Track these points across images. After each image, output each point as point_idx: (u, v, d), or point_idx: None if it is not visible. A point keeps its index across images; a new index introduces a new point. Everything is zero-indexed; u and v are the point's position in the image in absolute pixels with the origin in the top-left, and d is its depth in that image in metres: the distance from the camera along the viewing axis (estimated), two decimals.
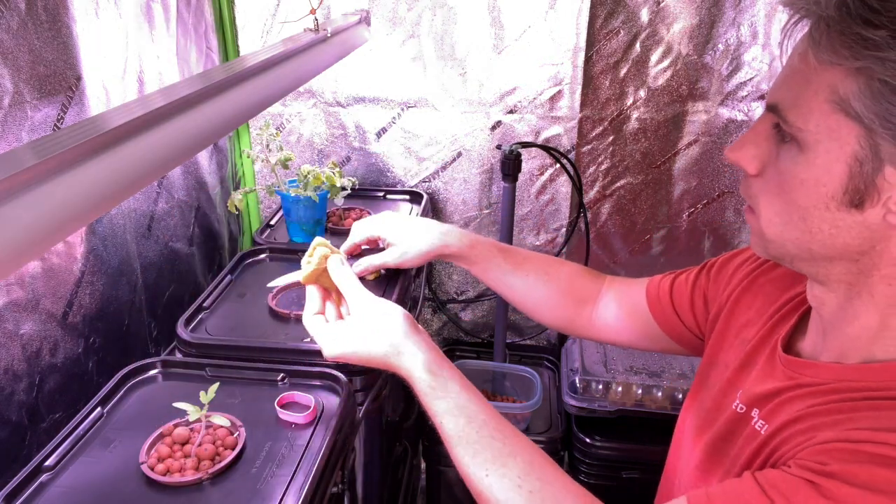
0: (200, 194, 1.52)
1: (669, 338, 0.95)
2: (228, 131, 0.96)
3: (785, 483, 0.56)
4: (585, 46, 1.61)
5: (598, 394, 1.60)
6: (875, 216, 0.57)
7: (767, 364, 0.73)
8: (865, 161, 0.55)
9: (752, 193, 0.66)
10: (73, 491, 0.84)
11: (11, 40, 0.91)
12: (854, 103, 0.54)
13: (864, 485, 0.53)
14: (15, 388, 0.95)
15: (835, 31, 0.55)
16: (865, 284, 0.62)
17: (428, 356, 0.77)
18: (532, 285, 1.04)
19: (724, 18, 1.57)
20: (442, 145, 1.75)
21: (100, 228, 1.14)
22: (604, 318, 1.03)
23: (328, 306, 0.87)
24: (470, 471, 0.71)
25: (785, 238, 0.63)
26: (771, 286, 0.80)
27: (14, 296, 0.95)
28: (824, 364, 0.66)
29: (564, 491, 0.69)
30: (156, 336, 1.34)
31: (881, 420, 0.57)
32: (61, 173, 0.59)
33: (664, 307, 0.94)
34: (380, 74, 1.69)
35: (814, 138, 0.58)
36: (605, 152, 1.72)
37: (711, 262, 0.93)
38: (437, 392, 0.75)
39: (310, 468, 0.86)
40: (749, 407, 0.71)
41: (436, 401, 0.75)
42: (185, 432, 0.91)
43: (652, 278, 0.99)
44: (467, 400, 0.74)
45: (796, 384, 0.67)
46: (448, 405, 0.74)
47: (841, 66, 0.55)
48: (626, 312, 1.00)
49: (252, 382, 1.04)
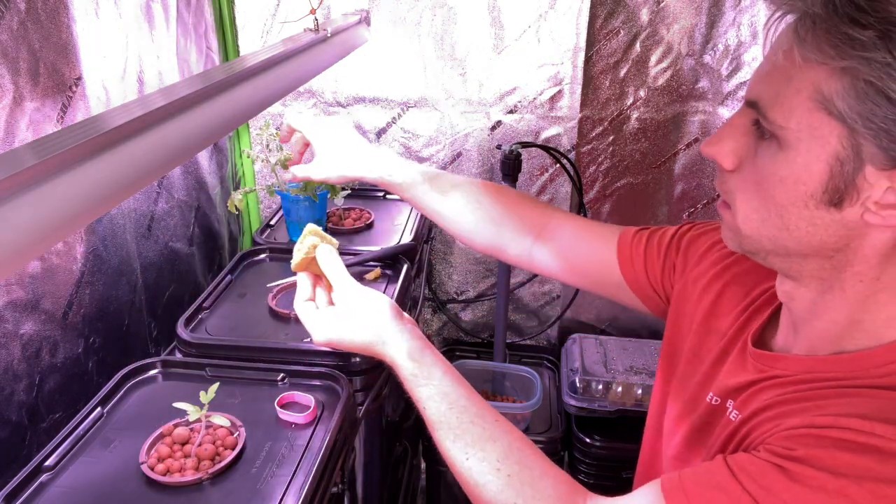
0: (200, 194, 1.52)
1: (634, 293, 0.93)
2: (228, 131, 0.96)
3: (754, 466, 0.58)
4: (585, 46, 1.61)
5: (598, 394, 1.60)
6: (853, 215, 0.58)
7: (738, 358, 0.74)
8: (846, 161, 0.55)
9: (727, 189, 0.65)
10: (73, 491, 0.84)
11: (11, 40, 0.91)
12: (838, 103, 0.54)
13: (827, 468, 0.54)
14: (15, 388, 0.95)
15: (821, 29, 0.54)
16: (837, 280, 0.62)
17: (411, 344, 0.78)
18: (460, 213, 1.00)
19: (724, 18, 1.57)
20: (442, 145, 1.75)
21: (100, 228, 1.14)
22: (552, 252, 0.98)
23: (319, 293, 0.87)
24: (451, 454, 0.72)
25: (761, 234, 0.63)
26: (745, 276, 0.80)
27: (14, 296, 0.95)
28: (794, 357, 0.67)
29: (543, 474, 0.69)
30: (156, 336, 1.34)
31: (845, 406, 0.58)
32: (61, 173, 0.59)
33: (636, 267, 0.91)
34: (380, 74, 1.69)
35: (795, 136, 0.57)
36: (605, 152, 1.72)
37: (683, 232, 0.90)
38: (420, 379, 0.76)
39: (310, 468, 0.86)
40: (723, 399, 0.72)
41: (419, 387, 0.76)
42: (185, 432, 0.91)
43: (623, 231, 0.95)
44: (450, 386, 0.76)
45: (767, 377, 0.68)
46: (430, 391, 0.75)
47: (826, 64, 0.54)
48: (587, 255, 0.96)
49: (252, 382, 1.04)
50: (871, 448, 0.54)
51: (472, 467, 0.70)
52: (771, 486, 0.56)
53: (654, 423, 0.88)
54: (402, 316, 0.82)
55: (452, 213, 1.01)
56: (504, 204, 1.00)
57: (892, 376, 0.59)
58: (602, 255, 0.94)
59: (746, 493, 0.57)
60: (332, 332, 0.82)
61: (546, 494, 0.68)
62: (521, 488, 0.68)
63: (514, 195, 1.04)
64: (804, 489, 0.55)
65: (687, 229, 0.90)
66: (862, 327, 0.63)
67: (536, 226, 0.99)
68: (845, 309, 0.63)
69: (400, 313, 0.82)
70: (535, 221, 0.99)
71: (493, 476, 0.69)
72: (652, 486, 0.64)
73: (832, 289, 0.63)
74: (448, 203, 1.00)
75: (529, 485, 0.69)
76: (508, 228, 0.99)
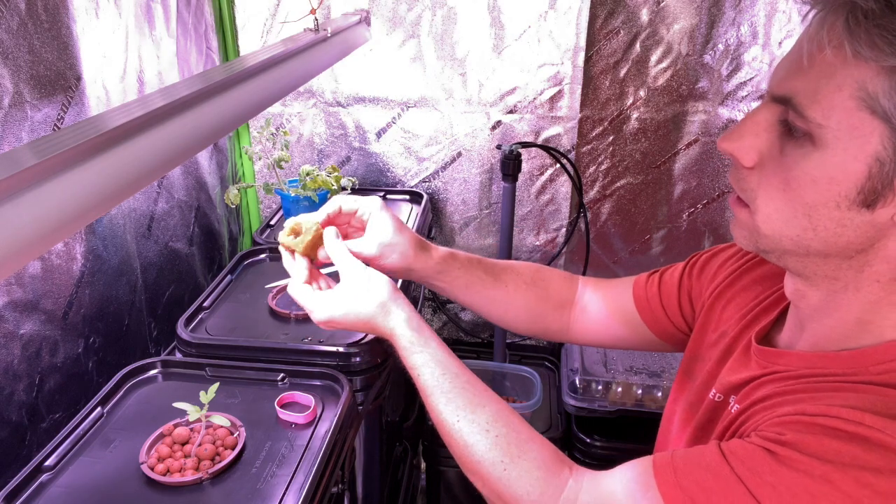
0: (200, 194, 1.52)
1: (657, 337, 0.95)
2: (228, 131, 0.96)
3: (744, 450, 0.59)
4: (585, 46, 1.61)
5: (598, 394, 1.60)
6: (884, 216, 0.57)
7: (742, 355, 0.74)
8: (886, 162, 0.54)
9: (746, 187, 0.64)
10: (73, 491, 0.84)
11: (11, 40, 0.91)
12: (883, 101, 0.53)
13: (814, 454, 0.55)
14: (15, 388, 0.95)
15: (873, 25, 0.53)
16: (854, 280, 0.62)
17: (411, 314, 0.83)
18: (512, 296, 0.99)
19: (724, 18, 1.57)
20: (442, 145, 1.75)
21: (100, 228, 1.14)
22: (583, 321, 1.00)
23: (315, 275, 0.90)
24: (443, 417, 0.77)
25: (783, 234, 0.62)
26: (754, 284, 0.80)
27: (14, 296, 0.95)
28: (796, 353, 0.67)
29: (529, 438, 0.73)
30: (156, 336, 1.34)
31: (838, 399, 0.58)
32: (61, 173, 0.59)
33: (653, 308, 0.93)
34: (380, 74, 1.69)
35: (833, 135, 0.56)
36: (605, 152, 1.72)
37: (694, 261, 0.92)
38: (416, 346, 0.81)
39: (310, 468, 0.86)
40: (726, 395, 0.73)
41: (415, 355, 0.81)
42: (185, 432, 0.91)
43: (636, 279, 0.97)
44: (443, 355, 0.81)
45: (768, 372, 0.68)
46: (425, 358, 0.80)
47: (875, 62, 0.53)
48: (611, 313, 0.98)
49: (252, 382, 1.04)
50: (858, 437, 0.54)
51: (462, 428, 0.75)
52: (757, 467, 0.57)
53: (668, 426, 0.89)
54: (399, 290, 0.86)
55: (506, 297, 0.99)
56: (546, 280, 1.01)
57: (888, 374, 0.59)
58: (625, 307, 0.96)
59: (734, 475, 0.58)
60: (333, 308, 0.84)
61: (531, 456, 0.72)
62: (507, 448, 0.72)
63: (550, 271, 1.04)
64: (790, 472, 0.55)
65: (696, 258, 0.92)
66: (869, 328, 0.62)
67: (570, 297, 1.01)
68: (856, 309, 0.63)
69: (398, 288, 0.86)
70: (568, 293, 1.01)
71: (482, 436, 0.73)
72: (643, 461, 0.65)
73: (846, 289, 0.63)
74: (501, 287, 0.99)
75: (516, 445, 0.72)
76: (551, 305, 1.01)
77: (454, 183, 1.79)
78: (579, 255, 1.82)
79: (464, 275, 0.97)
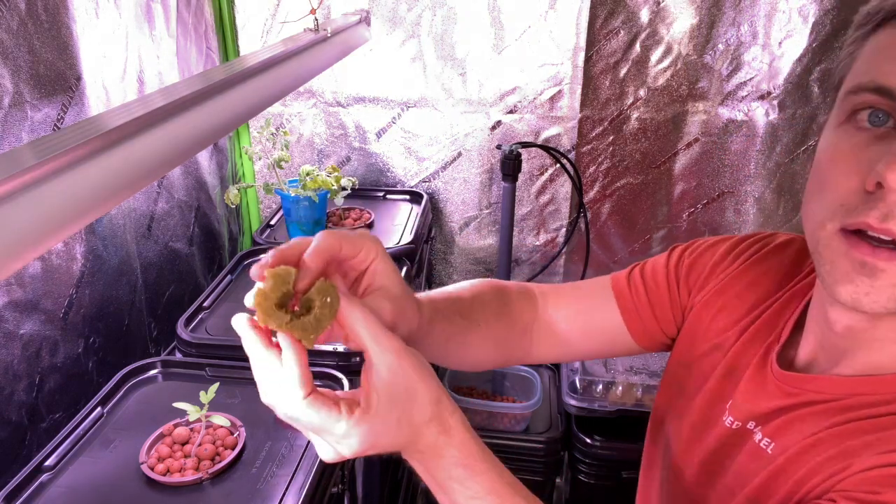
0: (200, 194, 1.52)
1: (637, 342, 0.83)
2: (228, 131, 0.96)
3: None
4: (585, 46, 1.61)
5: (598, 394, 1.60)
6: None
7: (757, 377, 0.67)
8: None
9: None
10: (73, 491, 0.84)
11: (11, 40, 0.91)
12: None
13: None
14: (15, 388, 0.95)
15: None
16: None
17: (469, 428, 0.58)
18: (484, 335, 0.79)
19: (724, 18, 1.57)
20: (442, 145, 1.75)
21: (100, 228, 1.14)
22: (548, 339, 0.84)
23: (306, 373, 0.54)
24: None
25: None
26: (747, 291, 0.75)
27: (14, 296, 0.95)
28: (827, 378, 0.61)
29: None
30: (156, 336, 1.34)
31: None
32: (61, 173, 0.59)
33: (640, 311, 0.82)
34: (380, 74, 1.69)
35: None
36: (605, 152, 1.72)
37: (678, 257, 0.82)
38: (480, 464, 0.58)
39: (310, 468, 0.86)
40: (744, 422, 0.67)
41: (477, 476, 0.58)
42: (185, 432, 0.91)
43: (613, 279, 0.84)
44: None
45: (801, 402, 0.62)
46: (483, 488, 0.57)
47: None
48: (584, 323, 0.84)
49: (252, 382, 1.02)
50: None
51: None
52: None
53: (652, 431, 0.84)
54: None
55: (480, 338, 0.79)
56: (511, 302, 0.83)
57: None
58: (602, 317, 0.83)
59: None
60: (379, 432, 0.54)
61: None
62: None
63: (513, 290, 0.85)
64: None
65: (678, 254, 0.82)
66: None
67: (532, 314, 0.84)
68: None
69: None
70: (530, 310, 0.84)
71: None
72: None
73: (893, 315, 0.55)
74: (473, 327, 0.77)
75: None
76: (519, 329, 0.83)
77: (454, 183, 1.79)
78: (579, 255, 1.82)
79: (447, 326, 0.73)
